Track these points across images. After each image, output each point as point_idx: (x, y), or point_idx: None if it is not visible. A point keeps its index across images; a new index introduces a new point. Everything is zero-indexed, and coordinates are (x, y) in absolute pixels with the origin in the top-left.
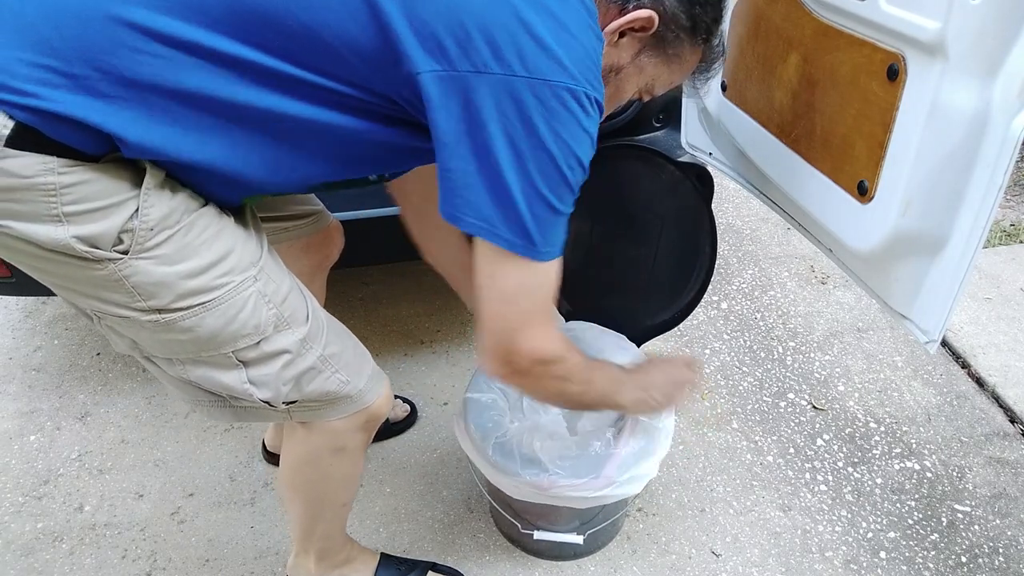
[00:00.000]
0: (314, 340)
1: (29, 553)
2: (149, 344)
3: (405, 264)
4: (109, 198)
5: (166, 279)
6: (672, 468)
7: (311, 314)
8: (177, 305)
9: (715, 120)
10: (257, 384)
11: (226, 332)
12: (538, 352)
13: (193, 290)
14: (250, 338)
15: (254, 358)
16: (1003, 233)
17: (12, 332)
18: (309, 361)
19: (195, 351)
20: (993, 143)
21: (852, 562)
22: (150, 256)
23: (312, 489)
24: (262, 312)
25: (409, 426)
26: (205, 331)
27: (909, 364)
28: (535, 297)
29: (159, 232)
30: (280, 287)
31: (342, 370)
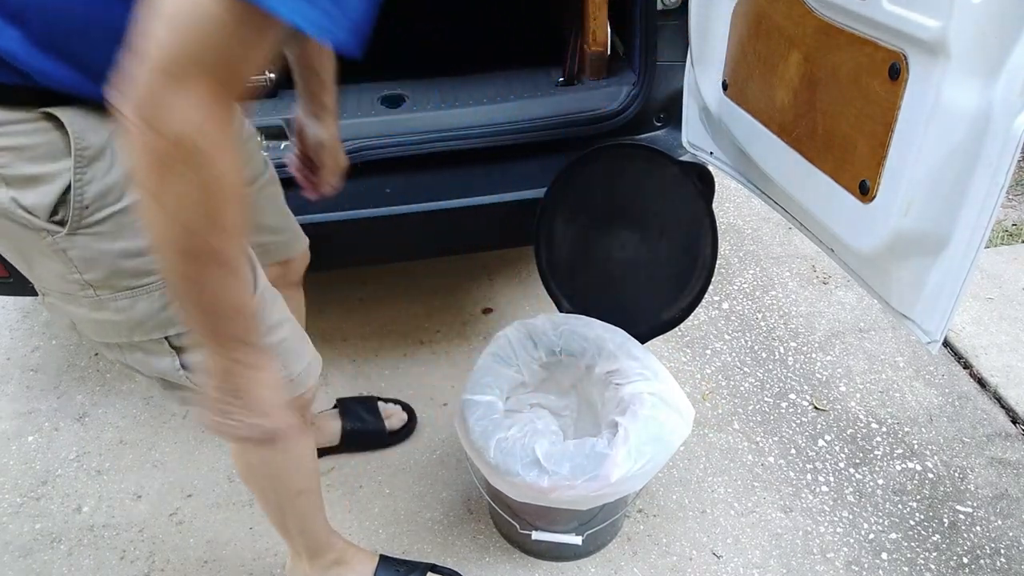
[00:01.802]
0: None
1: (27, 554)
2: (85, 325)
3: (405, 264)
4: (40, 166)
5: (103, 256)
6: (673, 469)
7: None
8: (112, 283)
9: (716, 119)
10: (191, 370)
11: (159, 317)
12: (191, 124)
13: (129, 271)
14: (180, 326)
15: (188, 344)
16: (1005, 233)
17: (10, 332)
18: None
19: (128, 334)
20: (995, 142)
21: (854, 563)
22: (88, 232)
23: (260, 478)
24: None
25: (408, 435)
26: (138, 314)
27: (911, 364)
28: (229, 46)
29: (96, 210)
30: None
31: (279, 357)
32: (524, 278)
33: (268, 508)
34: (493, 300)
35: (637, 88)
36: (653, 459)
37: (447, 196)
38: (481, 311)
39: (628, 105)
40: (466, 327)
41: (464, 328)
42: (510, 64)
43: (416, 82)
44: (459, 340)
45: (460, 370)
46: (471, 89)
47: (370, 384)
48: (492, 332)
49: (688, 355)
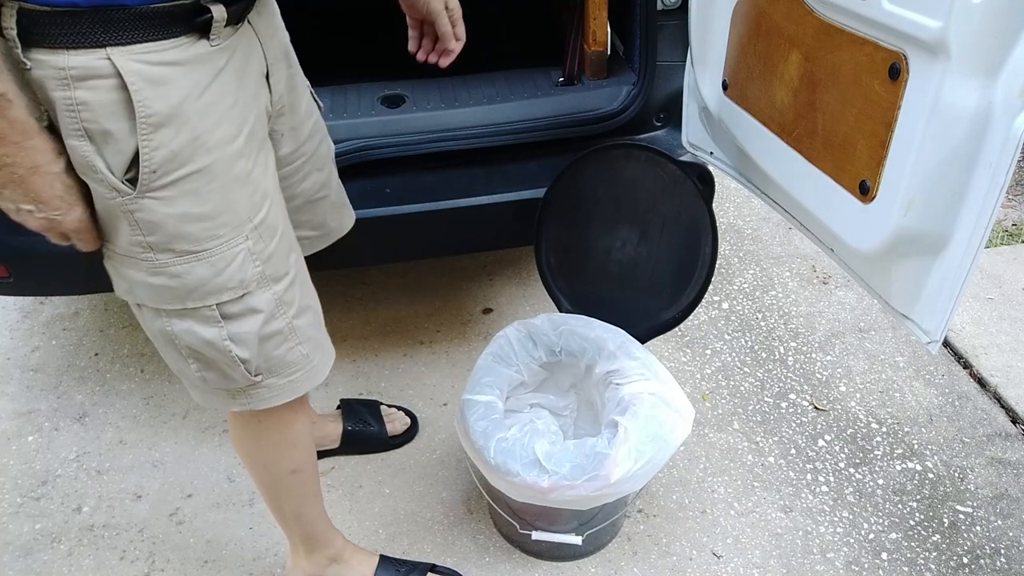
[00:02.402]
0: (287, 305)
1: (27, 554)
2: (142, 289)
3: (405, 264)
4: (116, 122)
5: (167, 220)
6: (673, 469)
7: (292, 276)
8: (173, 247)
9: (716, 119)
10: (236, 341)
11: (213, 282)
12: None
13: (189, 235)
14: (234, 291)
15: (236, 312)
16: (1005, 233)
17: (10, 332)
18: (279, 324)
19: (182, 300)
20: (995, 142)
21: (854, 563)
22: (155, 196)
23: (256, 452)
24: (248, 268)
25: (409, 439)
26: (192, 279)
27: (911, 364)
28: None
29: (164, 175)
30: (268, 246)
31: (304, 343)
32: (524, 278)
33: (263, 488)
34: (493, 300)
35: (637, 88)
36: (653, 459)
37: (447, 196)
38: (481, 311)
39: (628, 105)
40: (466, 327)
41: (464, 328)
42: (510, 64)
43: (416, 82)
44: (459, 340)
45: (460, 370)
46: (471, 89)
47: (370, 384)
48: (492, 332)
49: (688, 355)
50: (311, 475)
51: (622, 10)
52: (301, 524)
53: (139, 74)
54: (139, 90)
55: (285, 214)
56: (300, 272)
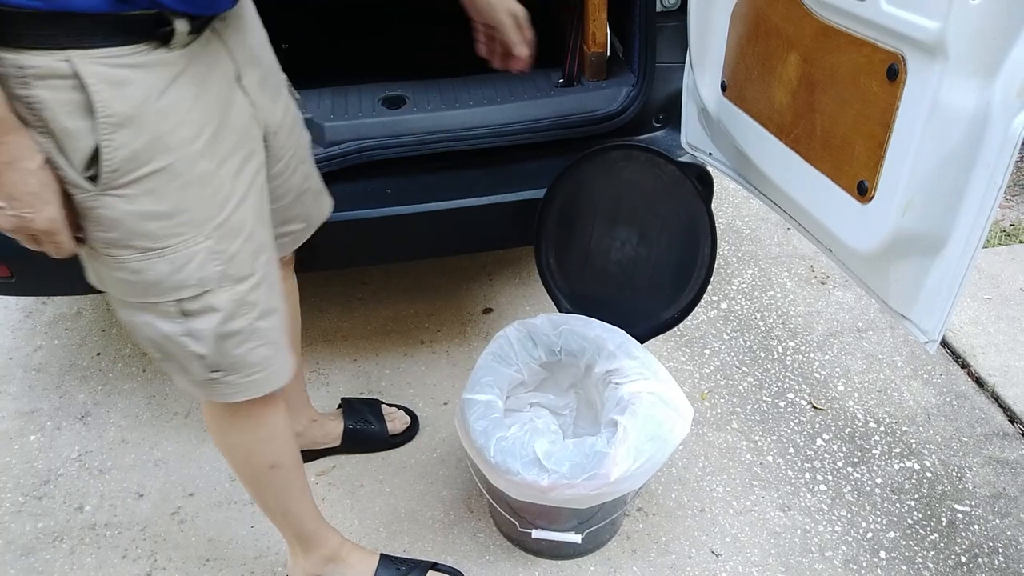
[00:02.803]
0: (250, 305)
1: (29, 553)
2: (108, 280)
3: (405, 264)
4: (75, 120)
5: (127, 217)
6: (672, 468)
7: (258, 277)
8: (132, 243)
9: (715, 120)
10: (194, 337)
11: (172, 279)
12: None
13: (149, 233)
14: (193, 289)
15: (195, 309)
16: (1003, 233)
17: (12, 332)
18: (240, 324)
19: (142, 295)
20: (993, 143)
21: (852, 562)
22: (116, 194)
23: (232, 447)
24: (208, 267)
25: (409, 439)
26: (152, 276)
27: (909, 364)
28: None
29: (125, 174)
30: (231, 246)
31: (267, 344)
32: (524, 278)
33: (245, 483)
34: (493, 300)
35: (636, 89)
36: (652, 458)
37: (448, 197)
38: (481, 311)
39: (627, 106)
40: (466, 327)
41: (464, 328)
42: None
43: (417, 83)
44: (459, 340)
45: (460, 369)
46: (471, 90)
47: (371, 383)
48: (492, 332)
49: (687, 355)
50: (292, 470)
51: (621, 11)
52: (290, 521)
53: (99, 76)
54: (98, 91)
55: (257, 216)
56: (268, 275)
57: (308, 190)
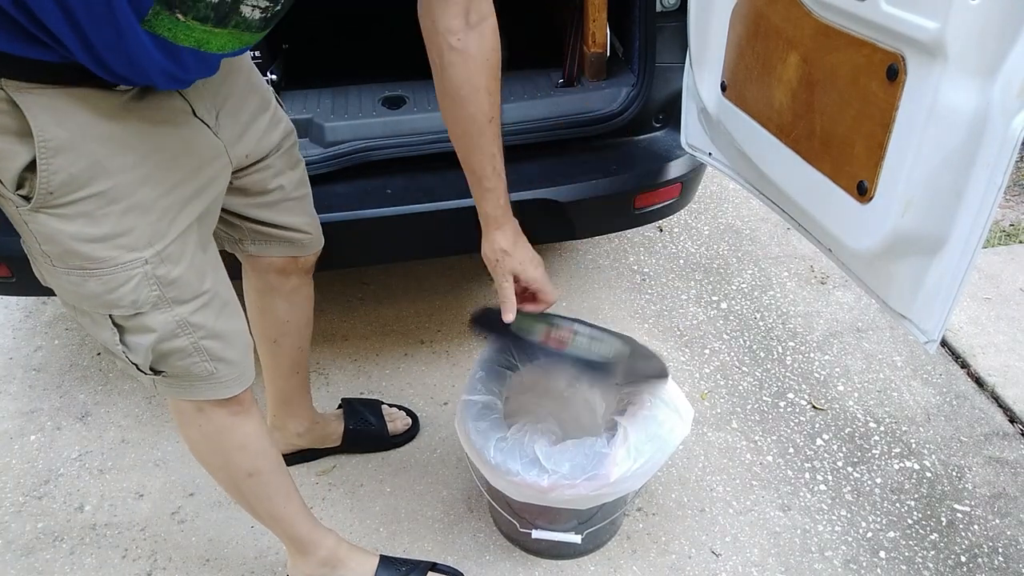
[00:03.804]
0: (194, 327)
1: (29, 553)
2: (49, 280)
3: (405, 264)
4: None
5: (60, 235)
6: (672, 468)
7: (204, 300)
8: (66, 260)
9: (715, 120)
10: (129, 348)
11: (105, 298)
12: None
13: (82, 254)
14: (126, 310)
15: (130, 327)
16: (1002, 233)
17: (12, 332)
18: (182, 343)
19: (78, 302)
20: (993, 143)
21: (852, 562)
22: (50, 212)
23: (205, 456)
24: (143, 291)
25: (410, 439)
26: (85, 291)
27: (908, 364)
28: None
29: (61, 196)
30: (173, 270)
31: (213, 361)
32: None
33: (227, 491)
34: (493, 300)
35: (636, 89)
36: (652, 458)
37: (448, 197)
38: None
39: (627, 106)
40: (466, 327)
41: (464, 328)
42: (510, 65)
43: (417, 83)
44: (459, 340)
45: (460, 369)
46: None
47: (371, 383)
48: None
49: (687, 355)
50: (273, 476)
51: (621, 12)
52: (280, 526)
53: (36, 104)
54: (35, 116)
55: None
56: (219, 295)
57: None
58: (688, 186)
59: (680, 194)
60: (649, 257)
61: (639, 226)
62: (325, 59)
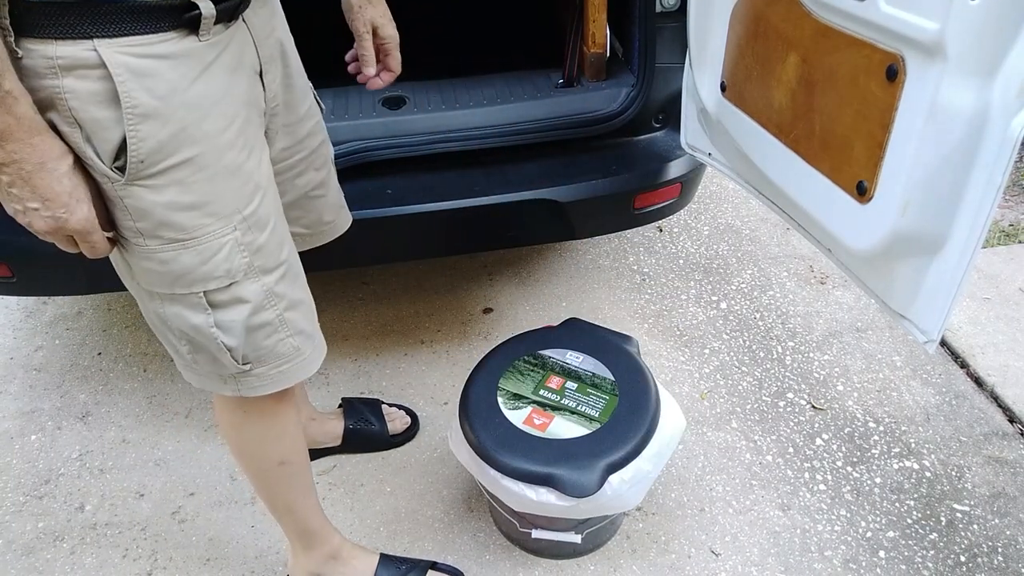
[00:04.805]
0: (278, 297)
1: (30, 552)
2: (137, 271)
3: (406, 264)
4: (104, 110)
5: (154, 208)
6: (671, 468)
7: (284, 269)
8: (160, 233)
9: (714, 120)
10: (223, 329)
11: (200, 271)
12: None
13: (176, 223)
14: (220, 280)
15: (223, 301)
16: (1002, 233)
17: (13, 332)
18: (269, 316)
19: (170, 286)
20: (992, 143)
21: (851, 561)
22: (144, 184)
23: (243, 443)
24: (235, 259)
25: (409, 439)
26: (179, 266)
27: (908, 364)
28: None
29: (152, 164)
30: (259, 237)
31: (295, 335)
32: (524, 278)
33: (252, 478)
34: (493, 300)
35: (636, 90)
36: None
37: (448, 197)
38: (481, 311)
39: (627, 107)
40: (466, 327)
41: (464, 328)
42: (510, 66)
43: (417, 84)
44: (459, 339)
45: (460, 369)
46: (471, 91)
47: (371, 383)
48: (492, 332)
49: (686, 355)
50: (300, 468)
51: (621, 12)
52: (294, 518)
53: (125, 66)
54: (124, 81)
55: (279, 208)
56: (293, 266)
57: (319, 198)
58: (688, 186)
59: (680, 194)
60: (649, 257)
61: (639, 226)
62: (325, 59)
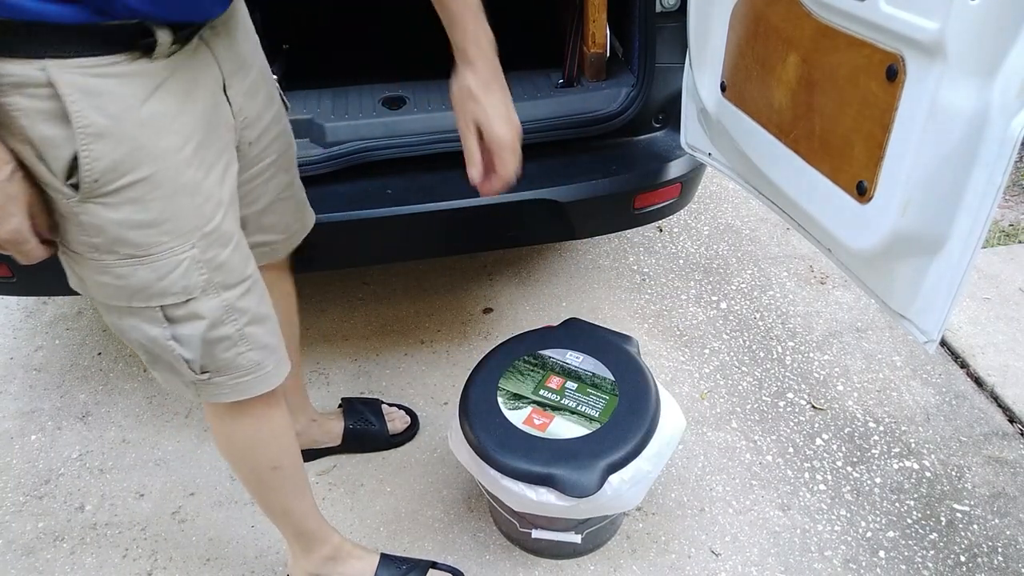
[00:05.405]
0: (240, 312)
1: (30, 553)
2: (91, 285)
3: (406, 264)
4: (53, 128)
5: (109, 224)
6: (671, 468)
7: (249, 284)
8: (116, 249)
9: (714, 121)
10: (180, 342)
11: (156, 286)
12: None
13: (131, 241)
14: (177, 297)
15: (180, 316)
16: (1002, 233)
17: (13, 332)
18: (228, 330)
19: (127, 299)
20: (992, 143)
21: (851, 561)
22: (98, 201)
23: (235, 449)
24: (193, 276)
25: (409, 438)
26: (136, 281)
27: (908, 364)
28: None
29: (106, 183)
30: (220, 254)
31: (257, 349)
32: (524, 278)
33: (245, 483)
34: (493, 300)
35: (636, 90)
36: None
37: (448, 197)
38: (481, 311)
39: (627, 107)
40: (466, 327)
41: (464, 328)
42: (510, 66)
43: (417, 83)
44: (459, 339)
45: (460, 369)
46: None
47: (371, 383)
48: (492, 332)
49: (686, 355)
50: (294, 471)
51: (621, 12)
52: (291, 521)
53: (74, 86)
54: (75, 101)
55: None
56: (257, 281)
57: (287, 199)
58: (688, 186)
59: (680, 194)
60: (649, 257)
61: (639, 226)
62: (325, 59)
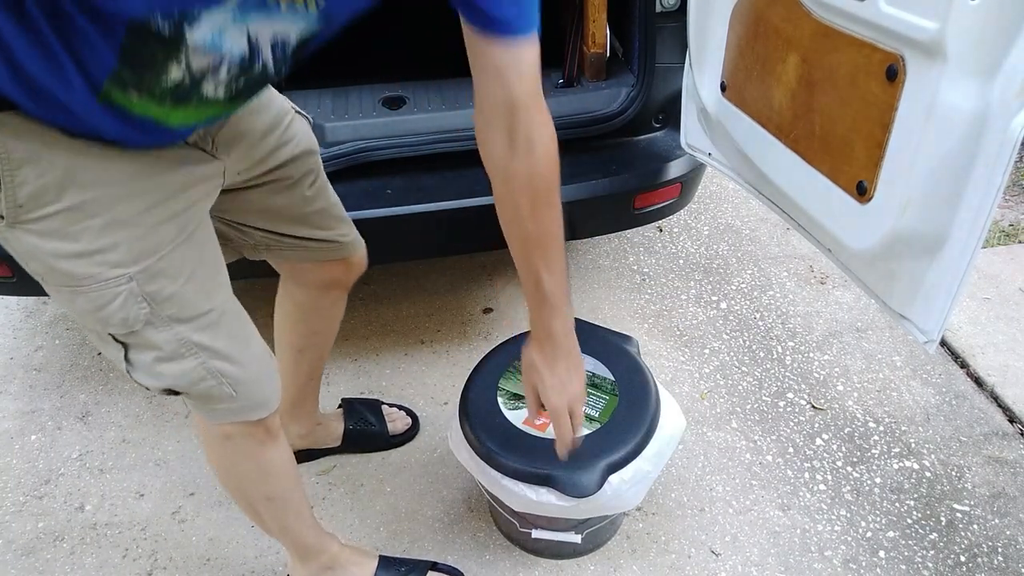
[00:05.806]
0: (199, 347)
1: (30, 552)
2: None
3: (406, 264)
4: None
5: (38, 253)
6: (671, 468)
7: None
8: (51, 278)
9: (714, 121)
10: (133, 365)
11: (96, 315)
12: None
13: (63, 271)
14: (118, 328)
15: (133, 343)
16: (1002, 233)
17: (13, 332)
18: (190, 364)
19: (76, 318)
20: (992, 143)
21: (851, 561)
22: (25, 228)
23: (228, 480)
24: (131, 309)
25: (410, 439)
26: (78, 308)
27: (908, 364)
28: None
29: (31, 210)
30: (168, 287)
31: (231, 384)
32: None
33: (242, 508)
34: (493, 300)
35: (636, 90)
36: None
37: (448, 197)
38: (481, 311)
39: (627, 107)
40: (466, 327)
41: (464, 328)
42: None
43: (417, 84)
44: (459, 339)
45: (460, 369)
46: (471, 91)
47: (371, 383)
48: (492, 332)
49: (686, 354)
50: (290, 500)
51: (621, 12)
52: (289, 537)
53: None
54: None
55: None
56: (225, 315)
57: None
58: (688, 186)
59: (680, 194)
60: (649, 257)
61: (639, 226)
62: (325, 59)
